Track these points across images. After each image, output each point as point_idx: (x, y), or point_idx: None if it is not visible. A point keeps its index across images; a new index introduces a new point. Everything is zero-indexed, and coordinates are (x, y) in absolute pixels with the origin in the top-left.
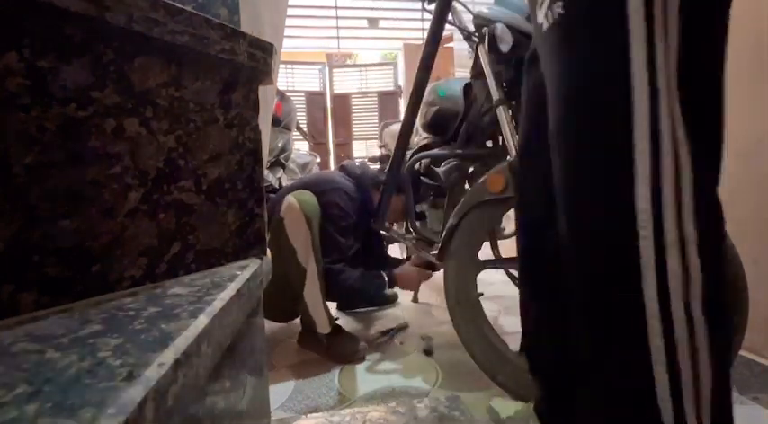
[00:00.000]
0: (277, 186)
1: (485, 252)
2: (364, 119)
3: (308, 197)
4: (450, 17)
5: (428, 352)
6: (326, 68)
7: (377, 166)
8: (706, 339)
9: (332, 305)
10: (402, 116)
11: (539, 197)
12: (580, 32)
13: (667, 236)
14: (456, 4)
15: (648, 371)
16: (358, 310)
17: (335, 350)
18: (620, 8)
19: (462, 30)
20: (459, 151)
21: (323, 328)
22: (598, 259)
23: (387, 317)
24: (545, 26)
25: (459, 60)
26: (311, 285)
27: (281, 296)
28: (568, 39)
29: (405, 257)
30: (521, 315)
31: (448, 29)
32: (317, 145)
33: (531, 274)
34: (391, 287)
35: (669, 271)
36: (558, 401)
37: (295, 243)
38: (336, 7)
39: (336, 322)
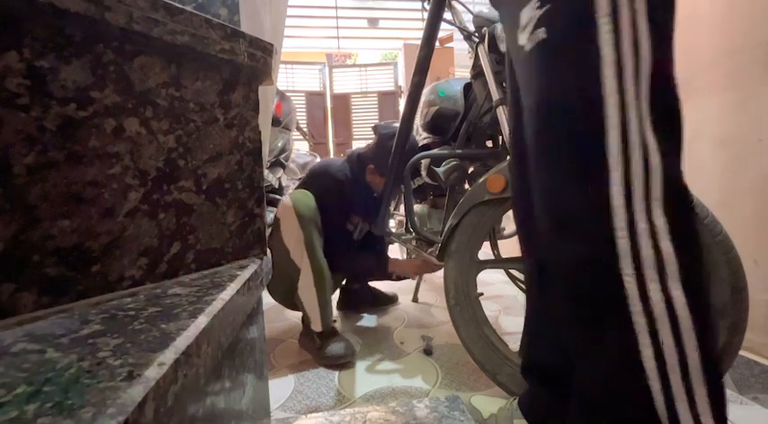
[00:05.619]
0: (277, 186)
1: (485, 252)
2: (364, 119)
3: (304, 196)
4: (449, 17)
5: (428, 352)
6: (326, 68)
7: None
8: (689, 317)
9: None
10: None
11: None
12: (560, 55)
13: (638, 227)
14: (456, 4)
15: (635, 345)
16: (358, 309)
17: (323, 353)
18: (593, 36)
19: (462, 30)
20: (459, 151)
21: (315, 326)
22: (582, 249)
23: (387, 317)
24: (527, 47)
25: (459, 60)
26: (305, 283)
27: (283, 284)
28: (550, 60)
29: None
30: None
31: (449, 29)
32: (317, 145)
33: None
34: (388, 273)
35: (643, 258)
36: (547, 396)
37: (288, 244)
38: (336, 7)
39: (335, 324)
